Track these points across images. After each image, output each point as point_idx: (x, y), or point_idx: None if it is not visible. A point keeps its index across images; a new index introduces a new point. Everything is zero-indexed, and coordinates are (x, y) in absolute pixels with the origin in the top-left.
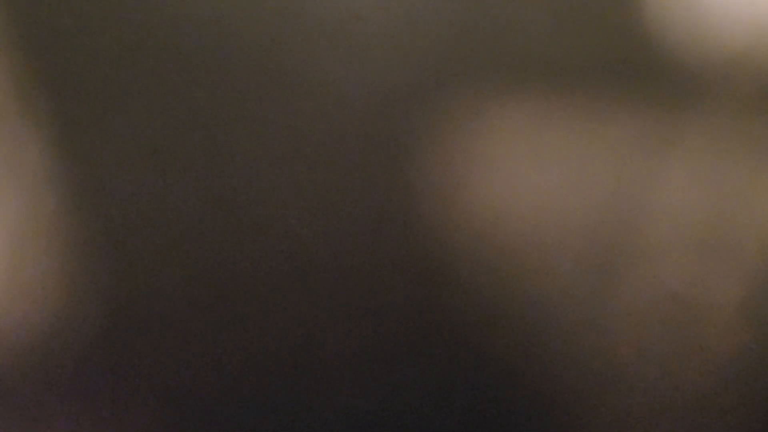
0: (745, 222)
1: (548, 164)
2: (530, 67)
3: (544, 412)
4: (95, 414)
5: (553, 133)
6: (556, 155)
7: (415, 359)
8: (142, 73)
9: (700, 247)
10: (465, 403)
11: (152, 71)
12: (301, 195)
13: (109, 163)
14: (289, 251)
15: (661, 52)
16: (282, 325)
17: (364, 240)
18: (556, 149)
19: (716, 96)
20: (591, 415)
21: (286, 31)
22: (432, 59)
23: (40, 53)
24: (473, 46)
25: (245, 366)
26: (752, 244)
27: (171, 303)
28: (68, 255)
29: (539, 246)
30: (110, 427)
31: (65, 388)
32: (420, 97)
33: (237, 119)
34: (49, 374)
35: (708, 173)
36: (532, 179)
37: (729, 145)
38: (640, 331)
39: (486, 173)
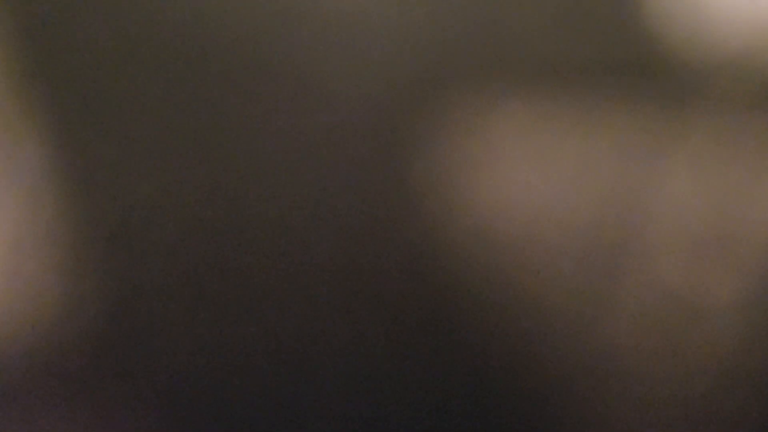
0: (746, 222)
1: (548, 164)
2: (530, 67)
3: (544, 411)
4: (95, 414)
5: (553, 132)
6: (556, 155)
7: (415, 358)
8: (142, 73)
9: (700, 247)
10: (464, 402)
11: (152, 71)
12: (301, 194)
13: (109, 163)
14: (288, 250)
15: (661, 52)
16: (282, 324)
17: (363, 239)
18: (556, 149)
19: (717, 95)
20: (590, 415)
21: (287, 31)
22: (432, 59)
23: (40, 53)
24: (473, 45)
25: (245, 365)
26: (752, 244)
27: (171, 303)
28: (68, 255)
29: (539, 246)
30: (110, 427)
31: (65, 387)
32: (420, 97)
33: (237, 119)
34: (49, 374)
35: (708, 173)
36: (532, 179)
37: (730, 145)
38: (640, 330)
39: (486, 173)
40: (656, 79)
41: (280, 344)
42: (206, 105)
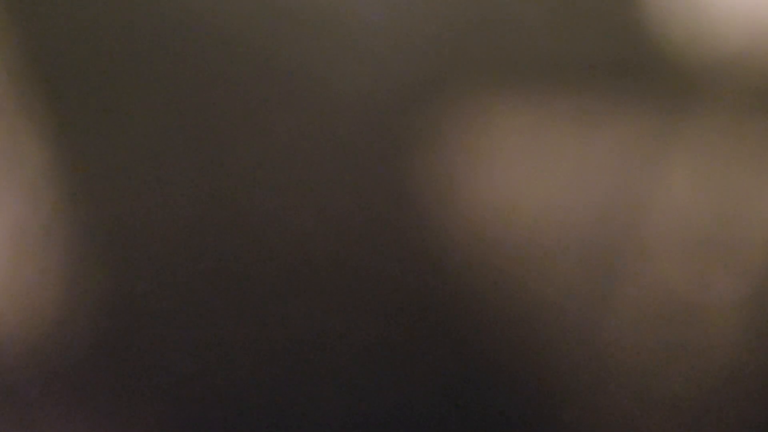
0: (745, 222)
1: (548, 164)
2: (530, 67)
3: (544, 411)
4: (95, 414)
5: (553, 132)
6: (556, 155)
7: (415, 358)
8: (141, 73)
9: (700, 247)
10: (464, 402)
11: (152, 71)
12: (300, 194)
13: (109, 163)
14: (288, 250)
15: (661, 52)
16: (282, 325)
17: (363, 239)
18: (556, 149)
19: (716, 96)
20: (590, 415)
21: (286, 31)
22: (432, 59)
23: (40, 53)
24: (473, 45)
25: (245, 366)
26: (752, 244)
27: (171, 303)
28: (68, 255)
29: (539, 246)
30: (110, 428)
31: (65, 388)
32: (420, 97)
33: (236, 119)
34: (49, 374)
35: (708, 173)
36: (532, 179)
37: (729, 145)
38: (640, 330)
39: (486, 173)
40: (656, 79)
41: (281, 344)
42: (206, 105)
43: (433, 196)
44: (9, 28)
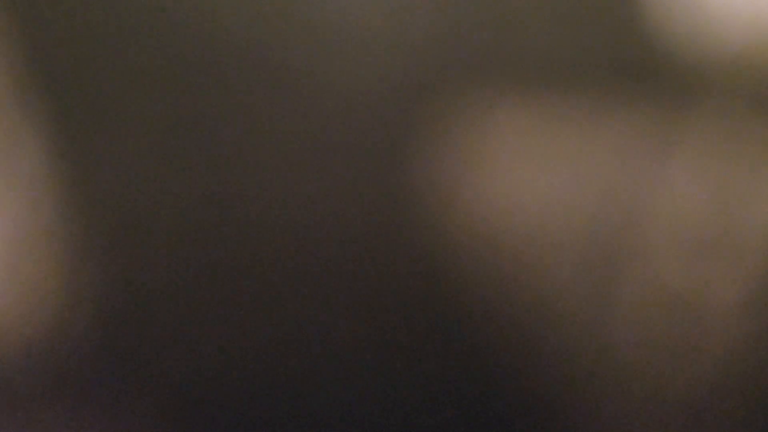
0: (745, 222)
1: (548, 164)
2: (530, 67)
3: (544, 410)
4: (95, 413)
5: (554, 132)
6: (556, 155)
7: (415, 358)
8: (141, 74)
9: (700, 247)
10: (464, 402)
11: (152, 72)
12: (302, 194)
13: (109, 163)
14: (288, 251)
15: (661, 52)
16: (282, 325)
17: (363, 239)
18: (556, 149)
19: (716, 96)
20: (590, 415)
21: (286, 32)
22: (432, 59)
23: (40, 53)
24: (473, 45)
25: (245, 366)
26: (752, 244)
27: (171, 303)
28: (68, 255)
29: (539, 246)
30: (110, 427)
31: (65, 387)
32: (420, 97)
33: (237, 120)
34: (49, 374)
35: (708, 173)
36: (532, 179)
37: (729, 145)
38: (640, 330)
39: (486, 173)
40: (656, 79)
41: (281, 343)
42: (206, 105)
43: (433, 196)
44: (10, 28)
